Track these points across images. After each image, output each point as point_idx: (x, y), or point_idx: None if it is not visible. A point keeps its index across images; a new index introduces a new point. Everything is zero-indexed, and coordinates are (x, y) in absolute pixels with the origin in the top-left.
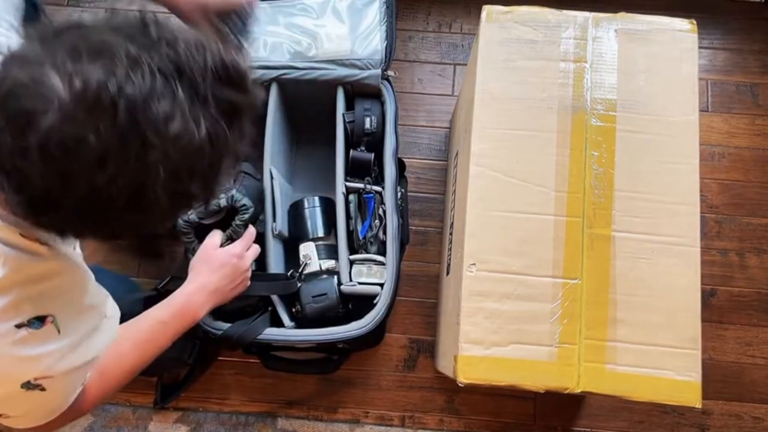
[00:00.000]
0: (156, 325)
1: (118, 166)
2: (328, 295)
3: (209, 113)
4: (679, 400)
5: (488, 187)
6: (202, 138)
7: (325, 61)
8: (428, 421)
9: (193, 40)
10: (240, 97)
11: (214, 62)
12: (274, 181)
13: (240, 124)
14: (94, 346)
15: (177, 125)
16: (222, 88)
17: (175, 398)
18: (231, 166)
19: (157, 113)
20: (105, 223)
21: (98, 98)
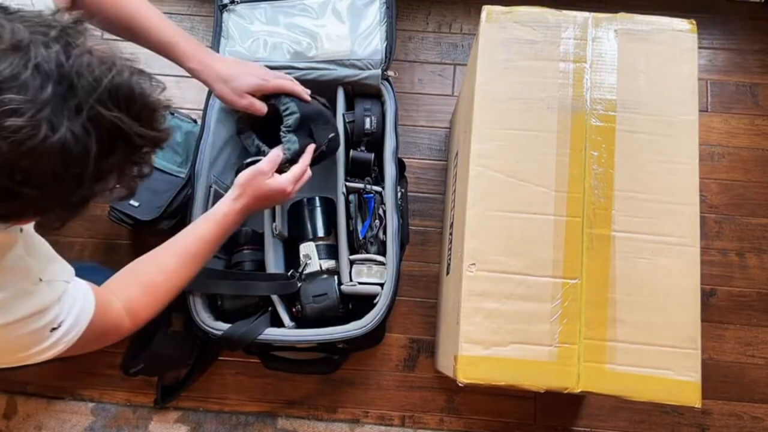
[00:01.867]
0: (200, 242)
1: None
2: (329, 295)
3: (77, 124)
4: (679, 400)
5: (488, 187)
6: (51, 143)
7: (325, 61)
8: (428, 421)
9: (107, 59)
10: (131, 124)
11: (114, 83)
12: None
13: (126, 147)
14: (25, 307)
15: (20, 121)
16: (111, 108)
17: (175, 398)
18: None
19: (3, 102)
20: None
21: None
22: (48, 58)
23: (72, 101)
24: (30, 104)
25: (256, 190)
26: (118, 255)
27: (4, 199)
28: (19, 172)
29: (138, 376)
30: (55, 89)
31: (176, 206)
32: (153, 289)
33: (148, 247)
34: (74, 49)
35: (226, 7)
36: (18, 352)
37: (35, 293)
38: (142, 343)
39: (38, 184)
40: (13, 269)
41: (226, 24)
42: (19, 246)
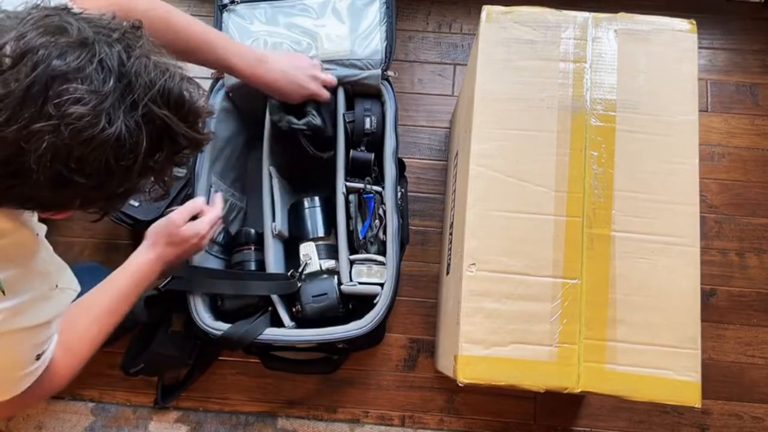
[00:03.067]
0: (119, 297)
1: (8, 119)
2: (329, 295)
3: (131, 118)
4: (679, 400)
5: (488, 187)
6: (107, 134)
7: (325, 61)
8: (428, 421)
9: (161, 64)
10: (178, 124)
11: (167, 86)
12: (274, 180)
13: (171, 146)
14: (42, 313)
15: (83, 110)
16: (162, 107)
17: (175, 398)
18: (142, 180)
19: (69, 90)
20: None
21: (21, 57)
22: (111, 55)
23: (129, 97)
24: (93, 95)
25: (169, 238)
26: (118, 255)
27: (55, 186)
28: (74, 159)
29: (138, 376)
30: (115, 84)
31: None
32: (74, 348)
33: None
34: (134, 51)
35: (226, 7)
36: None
37: (52, 299)
38: (142, 343)
39: (90, 174)
40: (40, 273)
41: (226, 24)
42: (43, 249)
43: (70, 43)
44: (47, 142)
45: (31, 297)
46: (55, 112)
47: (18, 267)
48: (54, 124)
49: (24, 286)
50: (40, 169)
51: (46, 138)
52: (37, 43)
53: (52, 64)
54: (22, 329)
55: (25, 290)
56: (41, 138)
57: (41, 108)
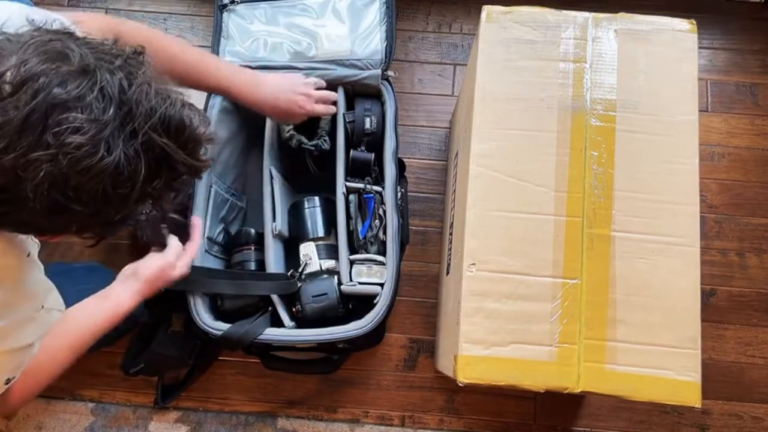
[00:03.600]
0: (92, 327)
1: (6, 147)
2: (329, 295)
3: (131, 146)
4: (679, 400)
5: (488, 187)
6: (106, 163)
7: (325, 61)
8: (428, 421)
9: (162, 90)
10: (177, 152)
11: (168, 113)
12: (274, 180)
13: (169, 173)
14: (26, 335)
15: (82, 139)
16: (162, 136)
17: (175, 398)
18: (140, 207)
19: (68, 119)
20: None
21: (22, 84)
22: (112, 83)
23: (129, 126)
24: (92, 124)
25: (143, 275)
26: (118, 255)
27: (51, 213)
28: (71, 188)
29: (138, 376)
30: (115, 113)
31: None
32: (36, 377)
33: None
34: (135, 78)
35: (226, 7)
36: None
37: (36, 320)
38: (142, 343)
39: (87, 202)
40: (27, 295)
41: (226, 24)
42: (32, 271)
43: (72, 71)
44: (45, 171)
45: (16, 319)
46: (54, 141)
47: (4, 290)
48: (52, 153)
49: (9, 309)
50: (36, 197)
51: (43, 167)
52: (38, 70)
53: (52, 93)
54: (5, 352)
55: (10, 312)
56: (39, 167)
57: (40, 137)
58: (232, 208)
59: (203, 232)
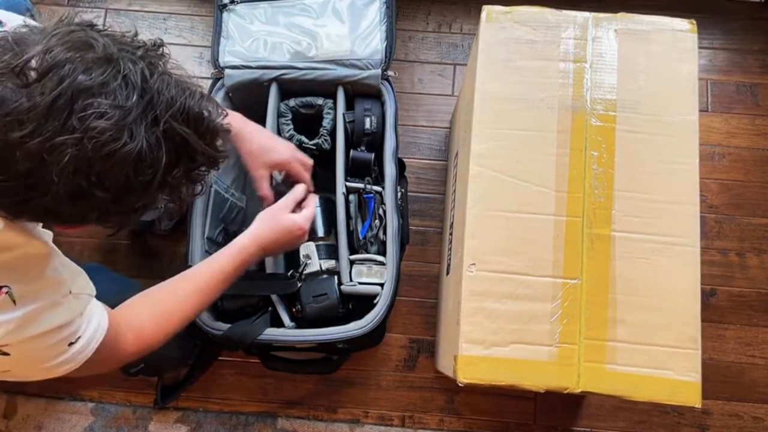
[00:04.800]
0: (217, 275)
1: (33, 132)
2: (329, 295)
3: (153, 134)
4: (679, 400)
5: (488, 187)
6: (129, 149)
7: (325, 61)
8: (428, 421)
9: (182, 82)
10: (197, 141)
11: (187, 104)
12: (274, 181)
13: (188, 163)
14: (54, 319)
15: (106, 124)
16: (181, 125)
17: (175, 398)
18: (159, 196)
19: (93, 105)
20: (4, 191)
21: (48, 71)
22: (135, 72)
23: (151, 113)
24: (116, 110)
25: (275, 222)
26: (118, 255)
27: (74, 200)
28: (95, 173)
29: (138, 376)
30: (138, 100)
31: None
32: (165, 318)
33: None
34: (156, 68)
35: (226, 6)
36: (37, 365)
37: (63, 305)
38: None
39: (109, 188)
40: (51, 280)
41: (226, 24)
42: (55, 257)
43: (96, 58)
44: (70, 155)
45: (41, 305)
46: (79, 126)
47: (29, 277)
48: (77, 137)
49: (35, 296)
50: (61, 182)
51: (68, 151)
52: (64, 57)
53: (77, 79)
54: (34, 336)
55: (35, 299)
56: (64, 151)
57: (65, 121)
58: (231, 208)
59: (204, 232)
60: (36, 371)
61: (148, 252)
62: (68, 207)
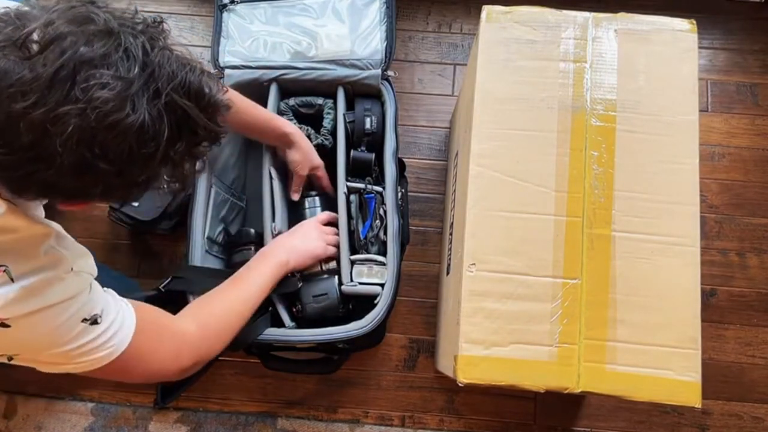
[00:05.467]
0: (241, 272)
1: (36, 102)
2: (329, 295)
3: (154, 106)
4: (679, 400)
5: (488, 187)
6: (131, 120)
7: (325, 61)
8: (428, 421)
9: (182, 57)
10: (199, 115)
11: (188, 79)
12: (274, 181)
13: (190, 137)
14: (56, 294)
15: (109, 95)
16: (182, 98)
17: (175, 398)
18: (161, 171)
19: (95, 76)
20: (8, 165)
21: (50, 43)
22: (135, 45)
23: (152, 86)
24: (119, 81)
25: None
26: (118, 255)
27: (78, 172)
28: (98, 144)
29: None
30: (139, 72)
31: (176, 206)
32: (216, 327)
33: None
34: (157, 42)
35: (226, 6)
36: (55, 346)
37: (66, 280)
38: None
39: (113, 160)
40: (48, 257)
41: (226, 24)
42: (52, 238)
43: (97, 31)
44: (73, 125)
45: (40, 279)
46: (82, 96)
47: (26, 256)
48: (81, 107)
49: (33, 272)
50: (65, 153)
51: (72, 121)
52: (65, 30)
53: (79, 51)
54: (37, 311)
55: (33, 275)
56: (68, 121)
57: (68, 92)
58: (232, 208)
59: (204, 232)
60: (53, 356)
61: (148, 252)
62: (72, 180)
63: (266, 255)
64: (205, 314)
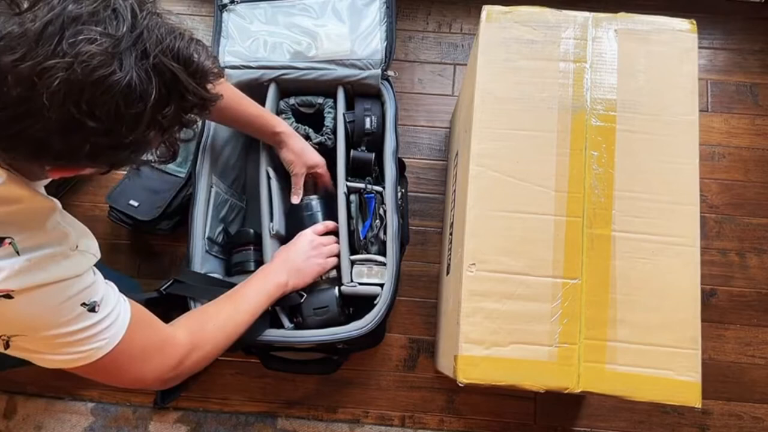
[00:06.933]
0: (239, 287)
1: (24, 56)
2: (330, 308)
3: (142, 67)
4: (679, 400)
5: (488, 187)
6: (118, 77)
7: (325, 61)
8: (428, 421)
9: (170, 24)
10: (187, 80)
11: (177, 44)
12: (272, 181)
13: (179, 102)
14: (62, 270)
15: (96, 50)
16: (171, 62)
17: (175, 398)
18: (149, 134)
19: (83, 32)
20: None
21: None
22: (124, 7)
23: (140, 46)
24: (106, 38)
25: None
26: (118, 255)
27: (65, 130)
28: (85, 101)
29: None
30: (128, 32)
31: (176, 206)
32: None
33: (147, 248)
34: (145, 5)
35: (225, 6)
36: (50, 327)
37: (71, 258)
38: None
39: (100, 117)
40: (54, 232)
41: (226, 24)
42: (57, 213)
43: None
44: (60, 78)
45: (45, 254)
46: (70, 51)
47: (31, 229)
48: (68, 61)
49: (39, 246)
50: (52, 107)
51: (59, 75)
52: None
53: (68, 8)
54: (40, 285)
55: (39, 248)
56: (54, 75)
57: (56, 46)
58: (232, 209)
59: (205, 232)
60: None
61: (148, 252)
62: (60, 138)
63: (267, 274)
64: (197, 328)
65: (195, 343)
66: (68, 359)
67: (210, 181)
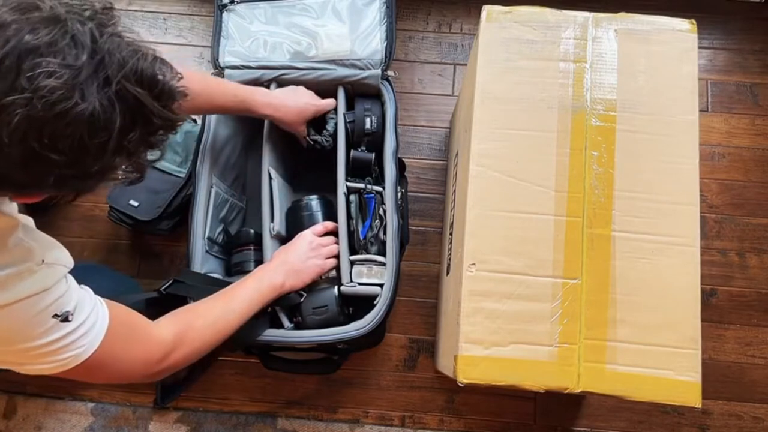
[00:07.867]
0: (233, 286)
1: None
2: (329, 307)
3: (105, 95)
4: (679, 400)
5: (488, 187)
6: (81, 109)
7: (325, 61)
8: (428, 421)
9: (132, 43)
10: (152, 104)
11: (140, 66)
12: (273, 181)
13: (145, 126)
14: (28, 286)
15: (56, 83)
16: (134, 86)
17: (175, 398)
18: (116, 160)
19: (41, 65)
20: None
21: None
22: (83, 32)
23: (102, 74)
24: (66, 69)
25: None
26: (118, 255)
27: (28, 163)
28: (47, 135)
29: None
30: (88, 60)
31: (176, 206)
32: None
33: (147, 248)
34: (106, 28)
35: (225, 6)
36: (24, 341)
37: (37, 273)
38: None
39: (63, 150)
40: (16, 249)
41: (226, 24)
42: (19, 229)
43: (42, 18)
44: (20, 115)
45: (10, 273)
46: (28, 86)
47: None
48: (27, 97)
49: (1, 265)
50: (12, 144)
51: (18, 111)
52: (9, 19)
53: (24, 39)
54: (8, 304)
55: (2, 268)
56: (14, 111)
57: (14, 81)
58: (232, 209)
59: (205, 232)
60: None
61: (148, 252)
62: (22, 172)
63: (262, 275)
64: (185, 324)
65: (181, 339)
66: (47, 368)
67: (210, 181)
